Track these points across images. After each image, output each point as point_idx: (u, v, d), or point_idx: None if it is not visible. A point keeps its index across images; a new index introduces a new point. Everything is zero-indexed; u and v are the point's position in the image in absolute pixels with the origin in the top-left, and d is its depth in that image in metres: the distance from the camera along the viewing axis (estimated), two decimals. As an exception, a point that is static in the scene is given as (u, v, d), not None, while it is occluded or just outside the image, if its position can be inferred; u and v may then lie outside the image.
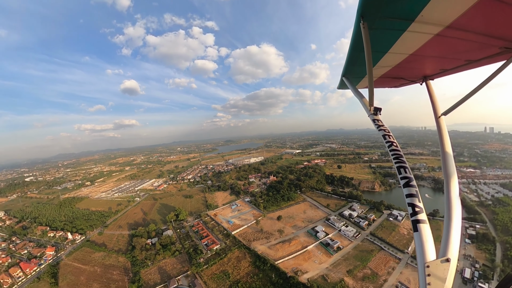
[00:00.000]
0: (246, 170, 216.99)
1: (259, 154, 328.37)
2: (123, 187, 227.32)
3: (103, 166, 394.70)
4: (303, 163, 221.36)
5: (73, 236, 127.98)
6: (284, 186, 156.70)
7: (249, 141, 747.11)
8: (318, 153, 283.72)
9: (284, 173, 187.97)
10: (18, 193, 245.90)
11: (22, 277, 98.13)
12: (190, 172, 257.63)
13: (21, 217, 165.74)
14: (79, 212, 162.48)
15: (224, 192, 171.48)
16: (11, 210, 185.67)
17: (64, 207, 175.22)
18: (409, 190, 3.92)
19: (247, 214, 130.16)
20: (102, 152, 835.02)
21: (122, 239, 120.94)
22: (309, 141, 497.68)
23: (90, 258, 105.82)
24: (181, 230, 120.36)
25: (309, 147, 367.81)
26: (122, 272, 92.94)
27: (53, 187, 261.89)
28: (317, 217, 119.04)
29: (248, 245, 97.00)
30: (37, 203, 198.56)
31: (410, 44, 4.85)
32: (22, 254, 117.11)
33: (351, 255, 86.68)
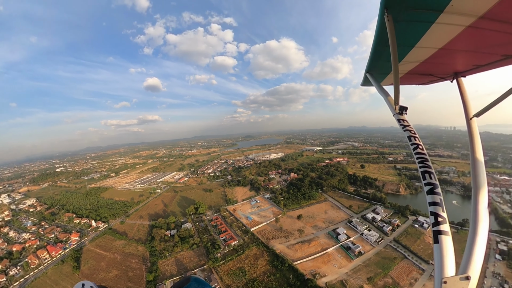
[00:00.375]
0: (266, 166, 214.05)
1: (279, 150, 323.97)
2: (146, 179, 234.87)
3: (128, 159, 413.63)
4: (325, 161, 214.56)
5: (97, 224, 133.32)
6: (305, 184, 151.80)
7: (268, 137, 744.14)
8: (340, 151, 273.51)
9: (305, 171, 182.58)
10: (49, 182, 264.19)
11: (48, 259, 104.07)
12: (210, 166, 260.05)
13: (50, 204, 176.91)
14: (104, 201, 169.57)
15: (243, 187, 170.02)
16: (42, 197, 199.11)
17: (90, 196, 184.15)
18: (433, 197, 3.59)
19: (267, 211, 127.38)
20: (126, 146, 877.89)
21: (142, 229, 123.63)
22: (330, 138, 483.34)
23: (111, 246, 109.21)
24: (199, 223, 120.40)
25: (330, 145, 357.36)
26: (140, 261, 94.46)
27: (80, 177, 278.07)
28: (339, 219, 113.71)
29: (267, 243, 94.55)
30: (66, 191, 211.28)
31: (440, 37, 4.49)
32: (50, 238, 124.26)
33: (372, 261, 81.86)
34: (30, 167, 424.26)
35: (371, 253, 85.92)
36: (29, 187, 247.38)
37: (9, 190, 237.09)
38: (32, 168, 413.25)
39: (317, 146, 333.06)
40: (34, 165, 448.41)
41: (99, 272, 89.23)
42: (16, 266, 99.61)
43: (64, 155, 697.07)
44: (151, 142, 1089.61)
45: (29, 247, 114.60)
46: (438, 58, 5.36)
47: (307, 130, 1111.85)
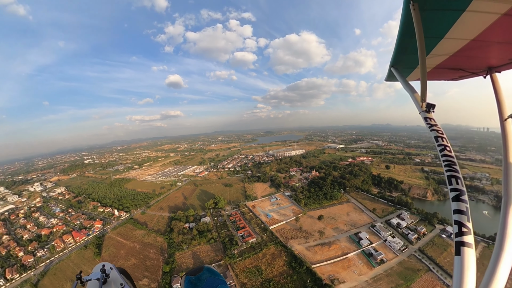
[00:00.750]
0: (287, 163, 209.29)
1: (300, 147, 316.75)
2: (167, 171, 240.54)
3: (151, 152, 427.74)
4: (348, 160, 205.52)
5: (119, 213, 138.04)
6: (327, 183, 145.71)
7: (289, 133, 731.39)
8: (364, 150, 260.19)
9: (327, 169, 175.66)
10: (77, 172, 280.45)
11: (73, 244, 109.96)
12: (231, 161, 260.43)
13: (77, 193, 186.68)
14: (127, 192, 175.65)
15: (263, 183, 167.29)
16: (70, 186, 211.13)
17: (114, 187, 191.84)
18: (458, 205, 3.29)
19: (287, 209, 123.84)
20: (150, 140, 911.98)
21: (162, 220, 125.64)
22: (353, 135, 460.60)
23: (131, 235, 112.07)
24: (218, 218, 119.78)
25: (353, 143, 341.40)
26: (158, 251, 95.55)
27: (106, 168, 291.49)
28: (361, 222, 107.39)
29: (285, 243, 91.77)
30: (92, 181, 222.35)
31: (471, 27, 4.13)
32: (75, 224, 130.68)
33: (394, 271, 76.43)
34: (62, 159, 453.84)
35: (393, 262, 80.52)
36: (59, 177, 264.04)
37: (42, 179, 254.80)
38: (63, 159, 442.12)
39: (339, 144, 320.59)
40: (65, 157, 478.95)
41: (118, 259, 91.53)
42: (44, 248, 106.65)
43: (92, 148, 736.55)
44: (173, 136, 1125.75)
45: (56, 232, 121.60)
46: (470, 51, 4.86)
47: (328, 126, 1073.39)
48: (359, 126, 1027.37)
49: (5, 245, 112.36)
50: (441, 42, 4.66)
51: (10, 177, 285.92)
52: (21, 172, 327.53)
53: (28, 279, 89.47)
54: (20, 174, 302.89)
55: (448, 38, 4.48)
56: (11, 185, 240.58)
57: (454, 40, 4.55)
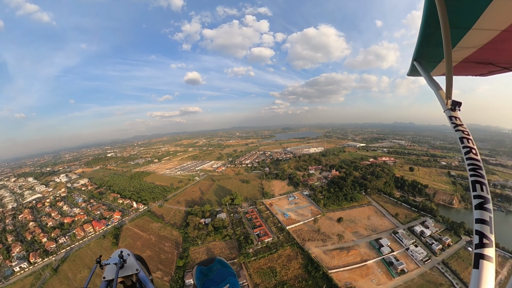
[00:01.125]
0: (306, 161, 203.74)
1: (318, 144, 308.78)
2: (185, 166, 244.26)
3: (170, 147, 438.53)
4: (369, 160, 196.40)
5: (137, 205, 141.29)
6: (348, 184, 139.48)
7: (307, 130, 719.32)
8: (386, 150, 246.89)
9: (348, 169, 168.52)
10: (100, 165, 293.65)
11: (92, 233, 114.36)
12: (248, 157, 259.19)
13: (99, 184, 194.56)
14: (145, 185, 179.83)
15: (281, 181, 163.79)
16: (93, 178, 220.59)
17: (133, 179, 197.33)
18: (481, 214, 3.07)
19: (305, 209, 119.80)
20: (169, 135, 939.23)
21: (178, 214, 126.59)
22: (374, 134, 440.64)
23: (148, 227, 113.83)
24: (234, 215, 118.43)
25: (374, 141, 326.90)
26: (173, 245, 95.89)
27: (127, 162, 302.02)
28: (383, 227, 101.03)
29: (302, 245, 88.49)
30: (114, 174, 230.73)
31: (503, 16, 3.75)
32: (96, 214, 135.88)
33: (415, 283, 71.37)
34: (86, 152, 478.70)
35: (414, 273, 75.23)
36: (83, 169, 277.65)
37: (67, 171, 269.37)
38: (87, 153, 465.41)
39: (359, 142, 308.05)
40: (90, 151, 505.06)
41: (134, 250, 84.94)
42: (65, 236, 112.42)
43: (115, 142, 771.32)
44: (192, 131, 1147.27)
45: (78, 221, 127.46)
46: (501, 43, 4.41)
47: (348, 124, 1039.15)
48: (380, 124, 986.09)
49: (31, 231, 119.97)
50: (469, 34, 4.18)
51: (39, 169, 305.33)
52: (49, 164, 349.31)
53: (49, 263, 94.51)
54: (48, 166, 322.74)
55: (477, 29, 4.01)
56: (40, 176, 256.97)
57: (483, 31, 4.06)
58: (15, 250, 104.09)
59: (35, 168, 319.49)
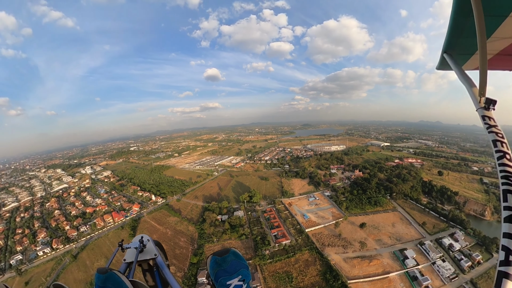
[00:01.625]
0: (328, 159, 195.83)
1: (340, 142, 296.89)
2: (204, 160, 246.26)
3: (190, 141, 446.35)
4: (394, 160, 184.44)
5: (156, 198, 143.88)
6: (372, 186, 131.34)
7: (328, 127, 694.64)
8: (412, 150, 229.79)
9: (372, 170, 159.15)
10: (123, 158, 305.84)
11: (111, 223, 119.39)
12: (268, 153, 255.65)
13: (121, 177, 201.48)
14: (165, 179, 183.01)
15: (302, 180, 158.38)
16: (116, 170, 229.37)
17: (154, 173, 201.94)
18: (510, 228, 2.76)
19: (326, 212, 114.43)
20: (190, 130, 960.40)
21: (195, 209, 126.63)
22: (398, 133, 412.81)
23: (165, 221, 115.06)
24: (252, 213, 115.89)
25: (399, 141, 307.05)
26: (188, 240, 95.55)
27: (149, 155, 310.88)
28: (408, 237, 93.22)
29: (321, 250, 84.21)
30: (135, 167, 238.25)
31: None
32: (116, 205, 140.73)
33: None
34: (111, 146, 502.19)
35: None
36: (107, 162, 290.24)
37: (93, 163, 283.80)
38: (112, 146, 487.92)
39: (383, 141, 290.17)
40: (114, 144, 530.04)
41: None
42: (86, 225, 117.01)
43: (138, 136, 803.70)
44: (212, 127, 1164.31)
45: (99, 211, 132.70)
46: None
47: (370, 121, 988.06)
48: (405, 123, 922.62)
49: (56, 218, 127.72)
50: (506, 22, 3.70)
51: (67, 161, 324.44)
52: (76, 156, 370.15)
53: (70, 250, 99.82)
54: (76, 159, 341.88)
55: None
56: (67, 167, 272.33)
57: None
58: (40, 236, 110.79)
59: (64, 160, 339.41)
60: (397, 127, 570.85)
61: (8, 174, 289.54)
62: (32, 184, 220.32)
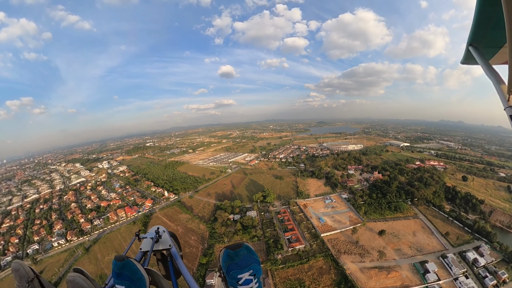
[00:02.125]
0: (345, 159, 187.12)
1: (357, 141, 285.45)
2: (218, 157, 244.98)
3: (205, 138, 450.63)
4: (415, 162, 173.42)
5: (169, 195, 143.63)
6: (392, 190, 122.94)
7: (344, 125, 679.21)
8: (433, 152, 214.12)
9: (392, 172, 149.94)
10: (139, 154, 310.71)
11: (124, 218, 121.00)
12: (282, 151, 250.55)
13: (136, 172, 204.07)
14: (178, 175, 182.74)
15: (318, 180, 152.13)
16: (131, 165, 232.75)
17: (167, 169, 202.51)
18: None
19: (343, 216, 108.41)
20: (205, 126, 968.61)
21: (207, 207, 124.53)
22: (418, 132, 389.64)
23: (177, 217, 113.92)
24: (265, 214, 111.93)
25: (419, 141, 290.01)
26: (199, 239, 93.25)
27: (164, 151, 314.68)
28: (429, 248, 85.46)
29: (337, 257, 79.25)
30: (150, 162, 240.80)
31: None
32: (130, 200, 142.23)
33: None
34: (129, 141, 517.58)
35: None
36: (124, 157, 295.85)
37: (110, 158, 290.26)
38: (129, 142, 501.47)
39: (402, 141, 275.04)
40: (132, 140, 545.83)
41: None
42: (100, 218, 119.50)
43: (154, 132, 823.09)
44: (226, 123, 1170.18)
45: (113, 205, 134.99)
46: None
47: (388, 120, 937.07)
48: (425, 122, 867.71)
49: (72, 211, 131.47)
50: None
51: (86, 155, 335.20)
52: (95, 151, 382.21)
53: (83, 243, 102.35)
54: (95, 153, 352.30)
55: None
56: (86, 162, 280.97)
57: None
58: (56, 227, 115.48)
59: (83, 155, 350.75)
60: (416, 126, 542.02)
61: (32, 167, 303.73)
62: (52, 177, 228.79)
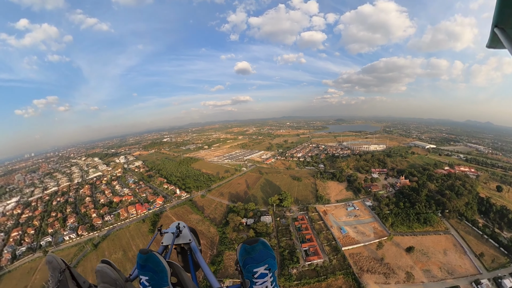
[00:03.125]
0: (368, 161, 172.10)
1: (379, 141, 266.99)
2: (234, 154, 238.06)
3: (221, 134, 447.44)
4: (444, 167, 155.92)
5: (180, 193, 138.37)
6: (421, 199, 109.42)
7: (363, 123, 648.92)
8: (462, 156, 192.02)
9: (420, 178, 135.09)
10: (155, 149, 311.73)
11: (134, 215, 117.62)
12: (300, 149, 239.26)
13: (150, 167, 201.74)
14: (192, 172, 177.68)
15: (339, 183, 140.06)
16: (147, 160, 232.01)
17: (182, 165, 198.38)
18: None
19: (366, 226, 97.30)
20: (221, 123, 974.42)
21: (220, 208, 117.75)
22: (443, 133, 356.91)
23: (187, 218, 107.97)
24: (281, 219, 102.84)
25: (445, 143, 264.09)
26: (208, 244, 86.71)
27: (179, 147, 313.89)
28: (462, 270, 72.84)
29: (359, 276, 69.59)
30: (165, 158, 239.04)
31: None
32: (142, 196, 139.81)
33: None
34: (147, 137, 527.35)
35: None
36: (140, 152, 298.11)
37: (127, 153, 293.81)
38: (148, 137, 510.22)
39: (427, 143, 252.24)
40: (150, 135, 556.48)
41: None
42: (111, 214, 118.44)
43: (172, 128, 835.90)
44: (243, 120, 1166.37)
45: (125, 201, 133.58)
46: None
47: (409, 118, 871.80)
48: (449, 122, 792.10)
49: (86, 205, 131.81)
50: None
51: (106, 150, 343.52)
52: (114, 146, 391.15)
53: (92, 238, 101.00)
54: (114, 148, 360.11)
55: None
56: (104, 156, 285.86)
57: None
58: (70, 221, 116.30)
59: (103, 149, 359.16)
60: (440, 126, 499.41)
61: (55, 161, 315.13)
62: (72, 170, 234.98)
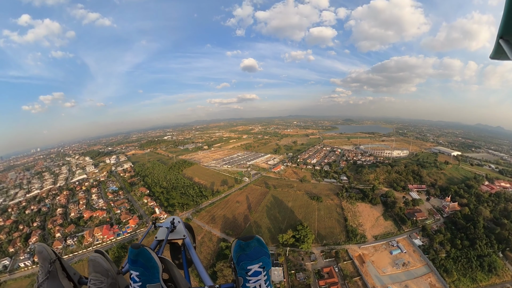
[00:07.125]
0: (401, 173, 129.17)
1: (398, 145, 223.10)
2: (235, 157, 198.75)
3: (225, 132, 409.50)
4: (484, 182, 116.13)
5: (160, 213, 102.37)
6: (479, 234, 73.77)
7: (372, 123, 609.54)
8: (493, 166, 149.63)
9: (470, 199, 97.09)
10: (151, 148, 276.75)
11: (99, 241, 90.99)
12: (313, 154, 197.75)
13: (137, 172, 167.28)
14: (181, 181, 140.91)
15: (372, 206, 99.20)
16: (138, 162, 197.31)
17: (172, 171, 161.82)
18: None
19: (421, 283, 61.63)
20: (227, 120, 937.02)
21: (208, 242, 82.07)
22: (458, 137, 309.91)
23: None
24: (298, 274, 64.57)
25: (467, 149, 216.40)
26: None
27: (177, 146, 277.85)
28: None
29: None
30: (158, 160, 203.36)
31: None
32: (115, 213, 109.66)
33: None
34: (150, 134, 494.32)
35: None
36: (135, 151, 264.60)
37: (121, 152, 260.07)
38: (151, 134, 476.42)
39: (447, 147, 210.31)
40: (154, 132, 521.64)
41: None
42: (74, 237, 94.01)
43: (177, 125, 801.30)
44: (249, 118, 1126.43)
45: (95, 218, 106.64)
46: None
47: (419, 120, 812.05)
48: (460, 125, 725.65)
49: (55, 219, 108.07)
50: None
51: (104, 147, 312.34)
52: (115, 143, 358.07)
53: None
54: (112, 146, 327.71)
55: None
56: (96, 155, 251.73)
57: None
58: (33, 239, 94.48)
59: (103, 146, 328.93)
60: (453, 129, 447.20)
61: (52, 158, 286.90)
62: (61, 171, 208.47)
